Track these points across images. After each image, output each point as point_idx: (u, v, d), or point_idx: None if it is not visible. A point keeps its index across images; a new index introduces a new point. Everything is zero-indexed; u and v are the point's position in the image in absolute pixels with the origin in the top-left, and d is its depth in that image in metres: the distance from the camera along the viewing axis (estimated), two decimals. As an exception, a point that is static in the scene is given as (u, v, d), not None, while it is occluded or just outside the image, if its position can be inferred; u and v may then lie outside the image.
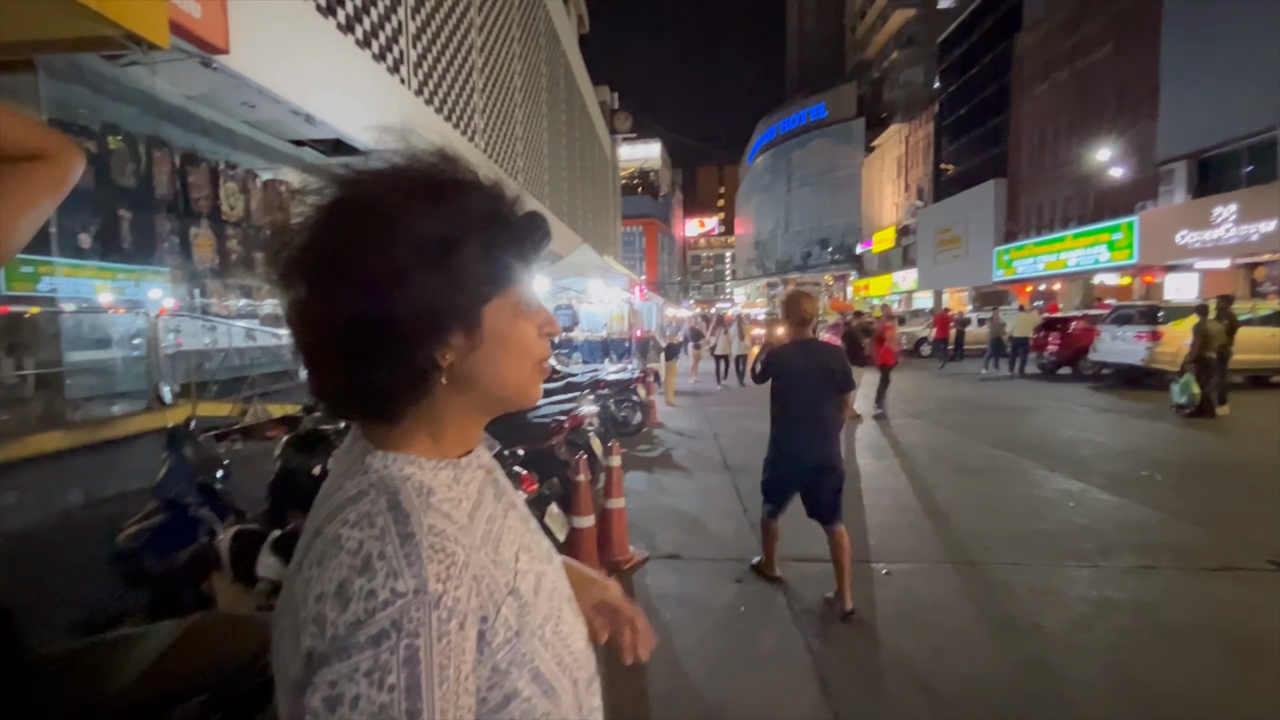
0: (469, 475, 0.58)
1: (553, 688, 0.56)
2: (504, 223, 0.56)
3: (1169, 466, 6.02)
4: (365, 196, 0.54)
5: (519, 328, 0.57)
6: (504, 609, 0.53)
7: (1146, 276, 20.37)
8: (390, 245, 0.51)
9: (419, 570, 0.47)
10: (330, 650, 0.45)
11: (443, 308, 0.53)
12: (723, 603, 3.35)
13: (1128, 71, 21.43)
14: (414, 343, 0.52)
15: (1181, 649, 2.84)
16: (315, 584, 0.47)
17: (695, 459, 6.66)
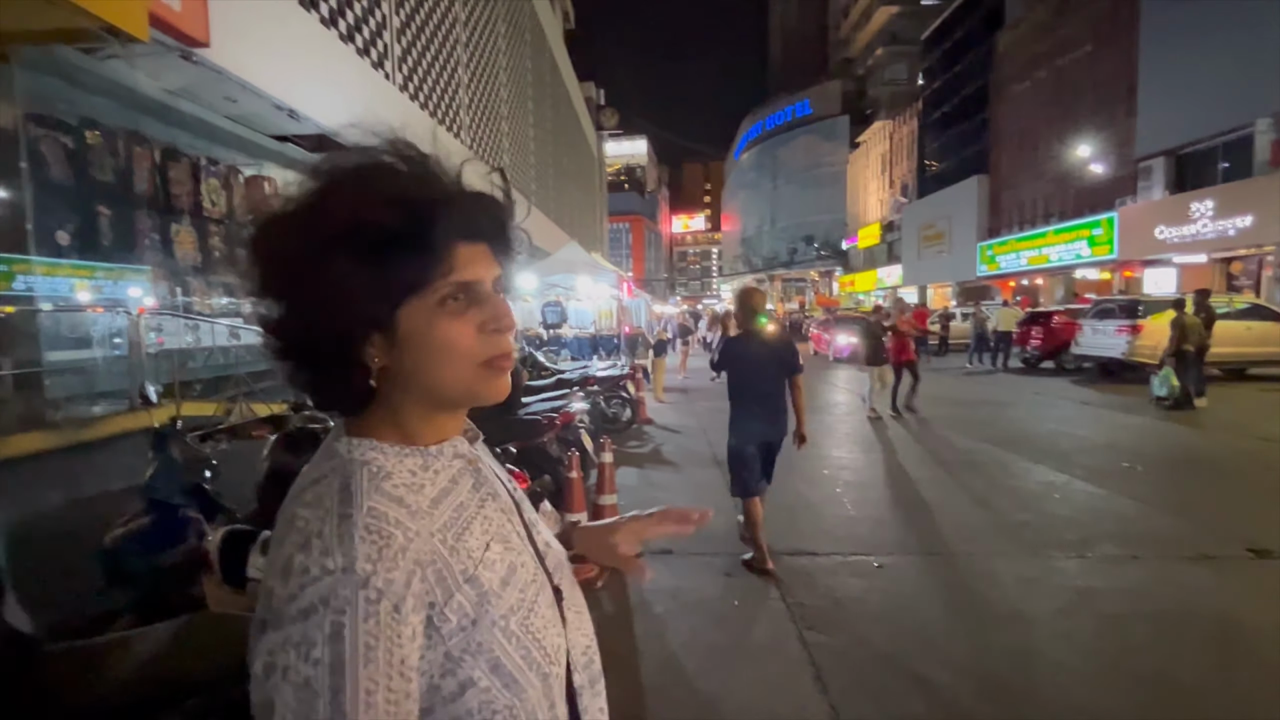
0: (441, 464, 0.59)
1: (516, 681, 0.54)
2: (419, 220, 0.53)
3: (1149, 458, 6.14)
4: (281, 204, 0.55)
5: (442, 328, 0.55)
6: (457, 596, 0.53)
7: (1126, 271, 20.72)
8: (293, 253, 0.53)
9: (349, 549, 0.48)
10: (270, 620, 0.47)
11: (347, 312, 0.53)
12: (715, 596, 3.37)
13: (1106, 69, 21.74)
14: (335, 345, 0.54)
15: (1163, 635, 2.90)
16: (272, 560, 0.50)
17: (685, 454, 6.69)
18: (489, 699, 0.53)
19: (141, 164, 6.96)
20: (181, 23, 5.30)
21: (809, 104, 60.17)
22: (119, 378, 6.38)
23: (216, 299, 8.37)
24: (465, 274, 0.56)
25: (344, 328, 0.54)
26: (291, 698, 0.45)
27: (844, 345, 16.81)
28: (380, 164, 0.56)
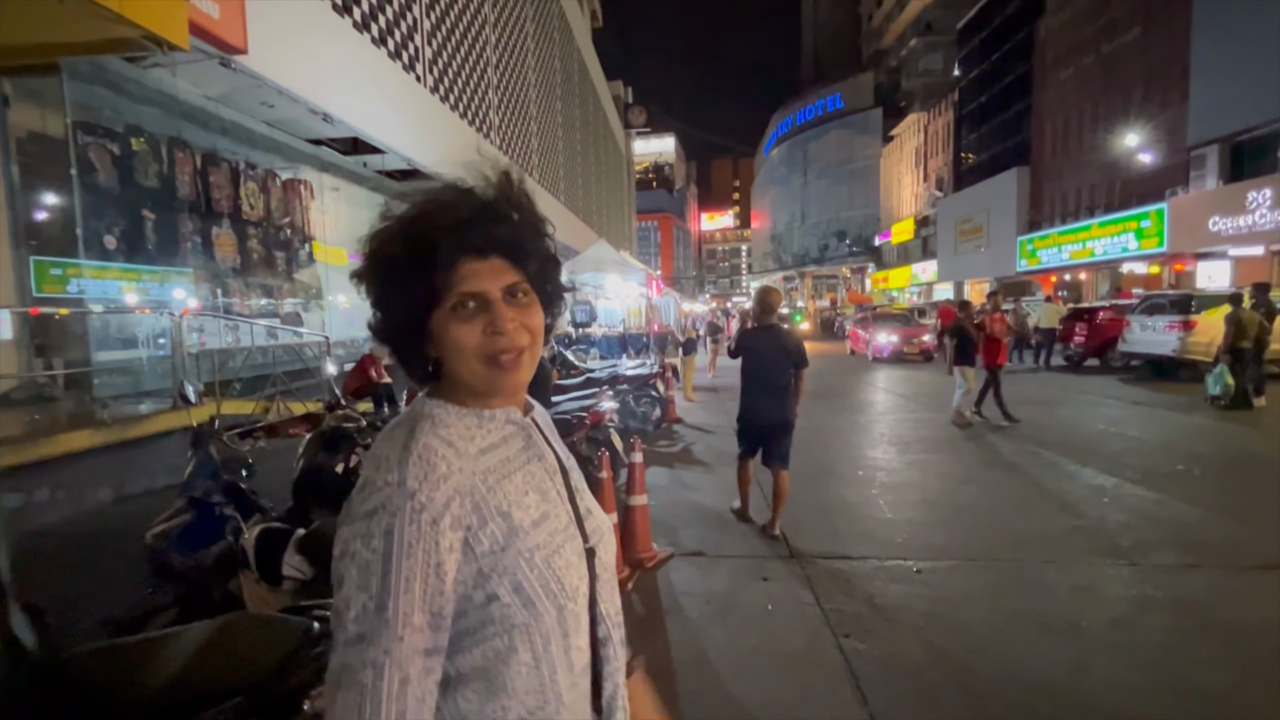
0: (493, 425, 0.73)
1: (533, 603, 0.67)
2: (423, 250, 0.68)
3: (1206, 461, 5.84)
4: (362, 245, 0.73)
5: (452, 331, 0.69)
6: (490, 525, 0.66)
7: (1177, 264, 19.83)
8: (372, 282, 0.72)
9: (403, 471, 0.64)
10: (346, 519, 0.64)
11: (405, 321, 0.71)
12: (750, 600, 3.29)
13: (1157, 54, 20.83)
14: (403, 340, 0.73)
15: (1230, 649, 2.73)
16: (361, 477, 0.67)
17: (716, 454, 6.60)
18: (508, 613, 0.66)
19: (184, 169, 7.17)
20: (220, 30, 5.41)
21: (841, 97, 59.16)
22: (163, 377, 6.58)
23: (255, 300, 8.59)
24: (468, 286, 0.69)
25: (402, 330, 0.72)
26: (355, 574, 0.61)
27: (885, 344, 16.09)
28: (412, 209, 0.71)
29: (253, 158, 8.51)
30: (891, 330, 16.56)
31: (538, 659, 0.68)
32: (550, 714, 0.68)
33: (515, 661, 0.66)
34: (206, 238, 7.64)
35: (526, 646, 0.67)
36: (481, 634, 0.66)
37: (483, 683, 0.66)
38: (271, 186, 8.76)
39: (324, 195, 10.27)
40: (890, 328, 16.77)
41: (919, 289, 41.44)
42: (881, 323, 17.50)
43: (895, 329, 16.63)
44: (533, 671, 0.67)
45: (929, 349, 15.64)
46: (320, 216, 10.25)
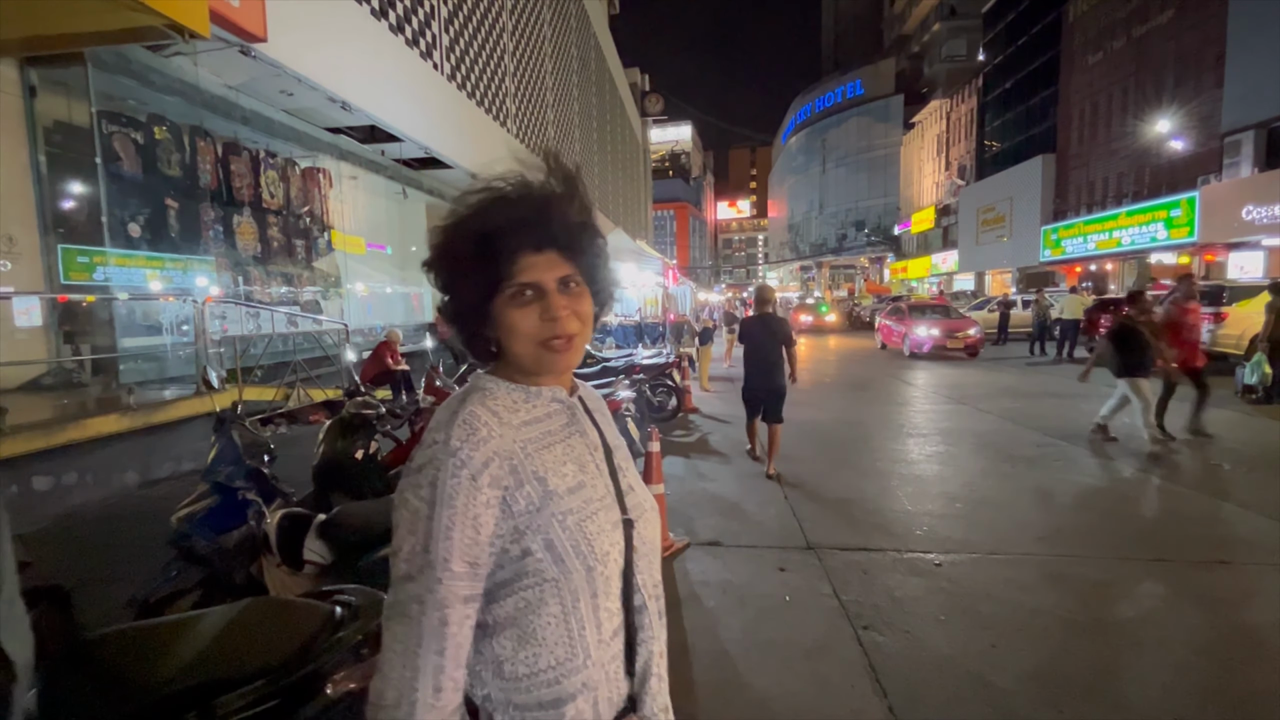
0: (539, 401, 0.81)
1: (563, 561, 0.73)
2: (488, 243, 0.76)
3: (1238, 456, 5.70)
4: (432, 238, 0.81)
5: (510, 316, 0.77)
6: (526, 487, 0.74)
7: (1208, 255, 19.31)
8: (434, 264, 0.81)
9: (449, 432, 0.73)
10: (406, 472, 0.74)
11: (469, 307, 0.79)
12: (766, 591, 3.27)
13: (1191, 37, 20.18)
14: (467, 322, 0.81)
15: (1261, 649, 2.66)
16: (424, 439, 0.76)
17: (732, 445, 6.56)
18: (541, 568, 0.73)
19: (205, 158, 7.24)
20: (240, 19, 5.43)
21: (861, 84, 58.16)
22: (186, 363, 6.69)
23: (275, 288, 8.68)
24: (526, 277, 0.76)
25: (467, 314, 0.80)
26: (407, 519, 0.71)
27: (924, 338, 14.45)
28: (474, 204, 0.78)
29: (272, 146, 8.57)
30: (931, 323, 14.82)
31: (566, 613, 0.74)
32: (577, 665, 0.75)
33: (545, 613, 0.74)
34: (228, 226, 7.72)
35: (556, 600, 0.74)
36: (516, 585, 0.74)
37: (515, 630, 0.74)
38: (291, 175, 8.83)
39: (342, 183, 10.33)
40: (929, 320, 15.08)
41: (939, 279, 40.82)
42: (918, 314, 15.78)
43: (935, 321, 14.92)
44: (560, 624, 0.74)
45: (975, 344, 14.33)
46: (338, 205, 10.32)
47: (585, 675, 0.75)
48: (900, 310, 16.73)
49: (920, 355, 14.46)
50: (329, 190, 9.63)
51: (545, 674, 0.73)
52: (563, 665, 0.74)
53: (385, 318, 12.39)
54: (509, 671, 0.74)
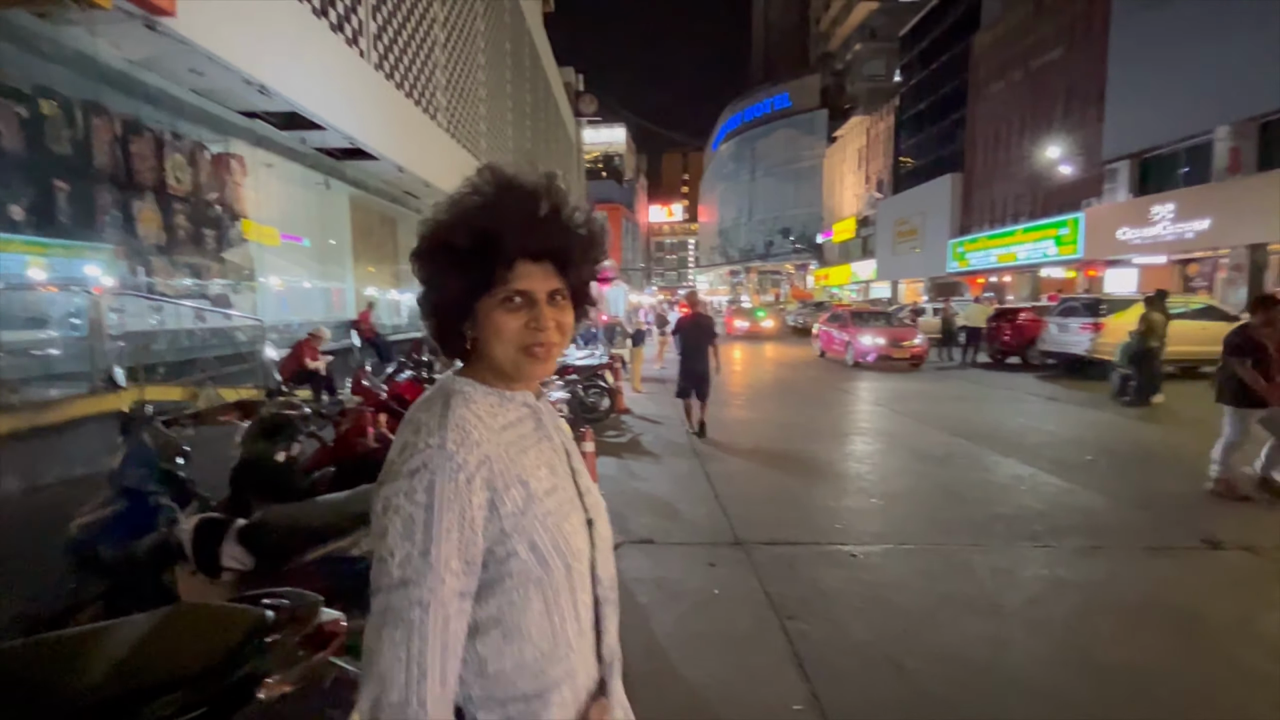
0: (512, 405, 0.83)
1: (545, 561, 0.77)
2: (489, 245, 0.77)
3: (1112, 453, 6.35)
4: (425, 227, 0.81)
5: (498, 319, 0.79)
6: (512, 490, 0.76)
7: (1090, 270, 21.32)
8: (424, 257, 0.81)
9: (444, 435, 0.73)
10: (388, 476, 0.73)
11: (453, 301, 0.80)
12: (697, 586, 3.39)
13: (1077, 73, 22.23)
14: (446, 318, 0.82)
15: (1128, 625, 3.01)
16: (398, 442, 0.76)
17: (664, 445, 6.70)
18: (525, 568, 0.76)
19: (101, 137, 6.67)
20: (147, -11, 5.05)
21: (788, 97, 60.36)
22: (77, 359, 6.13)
23: (181, 280, 8.10)
24: (520, 284, 0.79)
25: (449, 308, 0.81)
26: (400, 525, 0.69)
27: (869, 347, 13.95)
28: (479, 201, 0.78)
29: (180, 128, 7.99)
30: (876, 331, 14.41)
31: (549, 608, 0.78)
32: (561, 655, 0.79)
33: (531, 610, 0.77)
34: (127, 212, 7.14)
35: (540, 597, 0.77)
36: (500, 586, 0.76)
37: (500, 629, 0.76)
38: (200, 160, 8.26)
39: (258, 171, 9.75)
40: (874, 328, 14.65)
41: (858, 287, 42.95)
42: (861, 322, 15.24)
43: (880, 330, 14.53)
44: (545, 619, 0.78)
45: (920, 354, 13.97)
46: (253, 194, 9.74)
47: (567, 664, 0.79)
48: (842, 317, 16.12)
49: (864, 365, 14.08)
50: (243, 178, 9.07)
51: (531, 666, 0.76)
52: (547, 657, 0.77)
53: (303, 314, 11.78)
54: (493, 669, 0.76)
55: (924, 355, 14.08)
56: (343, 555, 2.16)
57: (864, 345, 14.01)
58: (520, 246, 0.77)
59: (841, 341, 15.12)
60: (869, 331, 14.32)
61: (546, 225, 0.79)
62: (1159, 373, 9.20)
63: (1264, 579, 3.48)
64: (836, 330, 15.77)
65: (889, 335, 14.13)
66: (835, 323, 16.26)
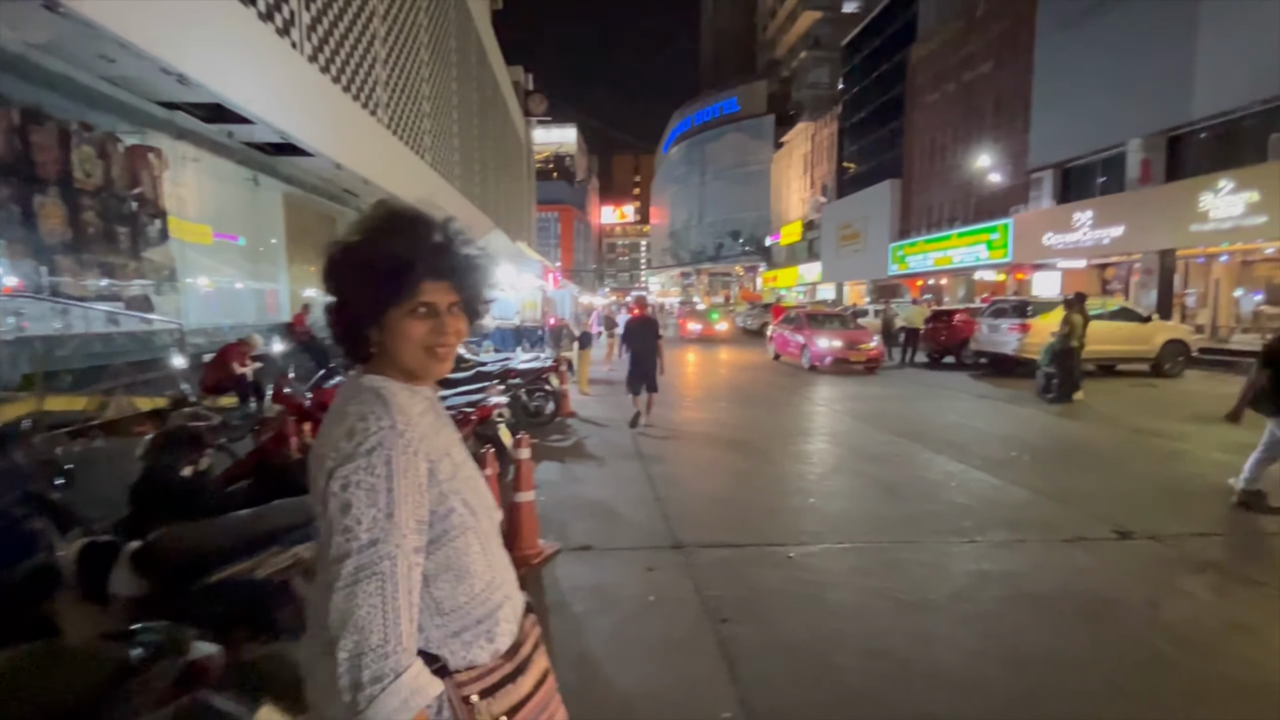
0: (418, 397, 0.97)
1: (474, 513, 0.96)
2: (402, 266, 0.92)
3: (1035, 448, 6.66)
4: (344, 235, 0.96)
5: (408, 325, 0.94)
6: (443, 461, 0.93)
7: (1018, 274, 22.45)
8: (338, 269, 0.95)
9: (393, 417, 0.88)
10: (343, 459, 0.84)
11: (367, 312, 0.94)
12: (634, 592, 3.35)
13: (1006, 87, 23.39)
14: (354, 326, 0.96)
15: (1044, 614, 3.14)
16: (333, 435, 0.87)
17: (608, 448, 6.65)
18: (464, 520, 0.94)
19: (-5, 125, 6.14)
20: (43, -33, 4.67)
21: (737, 101, 61.35)
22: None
23: (92, 280, 7.55)
24: (427, 298, 0.95)
25: (362, 317, 0.95)
26: (364, 496, 0.82)
27: (826, 350, 13.59)
28: (394, 231, 0.94)
29: (90, 118, 7.45)
30: (832, 334, 14.07)
31: (484, 548, 0.97)
32: (499, 583, 0.99)
33: (471, 552, 0.95)
34: (27, 207, 6.60)
35: (476, 541, 0.96)
36: (446, 538, 0.92)
37: (451, 572, 0.93)
38: (112, 152, 7.73)
39: (181, 166, 9.21)
40: (830, 331, 14.30)
41: (805, 288, 43.97)
42: (818, 324, 14.79)
43: (836, 332, 14.20)
44: (482, 557, 0.97)
45: (876, 356, 13.84)
46: (176, 189, 9.18)
47: (505, 589, 1.00)
48: (797, 320, 15.67)
49: (820, 368, 13.70)
50: (163, 172, 8.55)
51: (479, 596, 0.95)
52: (490, 586, 0.97)
53: (234, 316, 11.19)
54: (449, 606, 0.92)
55: (881, 358, 13.98)
56: (246, 578, 2.03)
57: (820, 348, 13.68)
58: (428, 268, 0.93)
59: (797, 344, 14.83)
60: (825, 334, 13.99)
61: (447, 253, 0.96)
62: (1079, 371, 9.74)
63: (1167, 564, 3.70)
64: (791, 333, 15.41)
65: (845, 338, 13.87)
66: (790, 325, 15.86)
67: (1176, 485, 5.30)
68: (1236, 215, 14.18)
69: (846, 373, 13.43)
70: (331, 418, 0.91)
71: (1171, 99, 16.12)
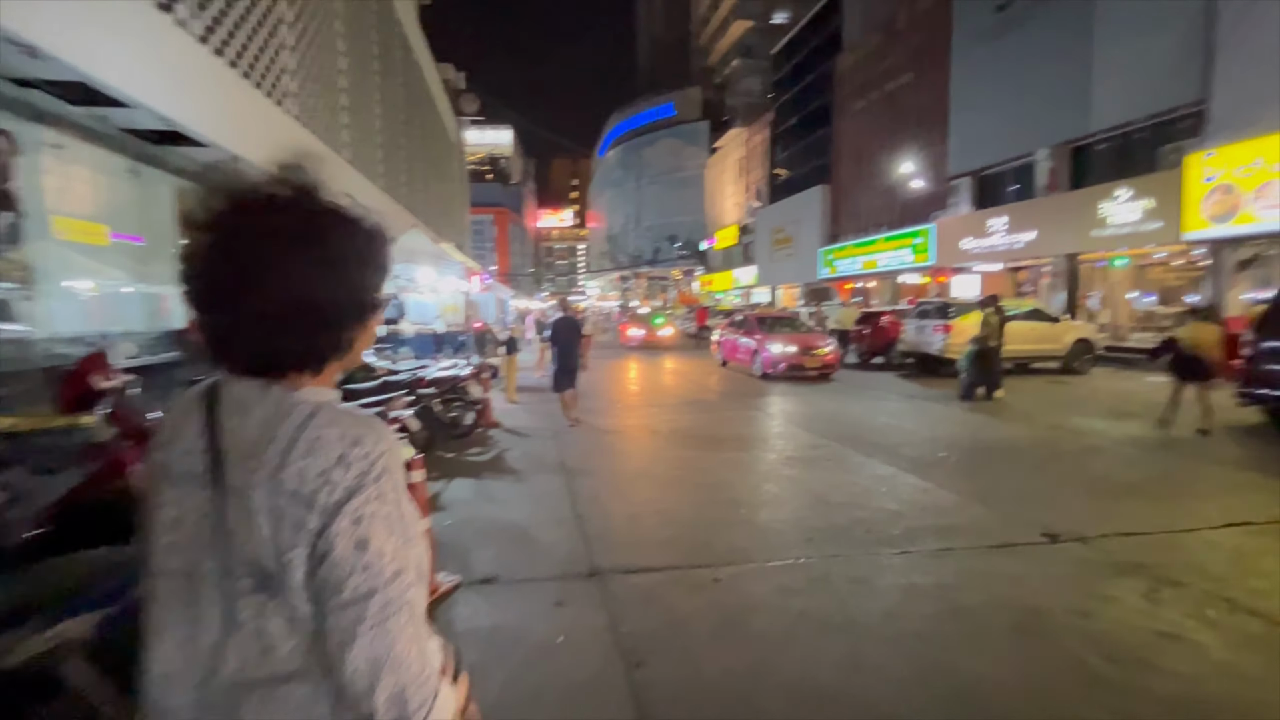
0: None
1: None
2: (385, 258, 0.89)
3: (961, 448, 6.70)
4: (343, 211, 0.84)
5: (373, 327, 0.90)
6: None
7: (940, 277, 23.36)
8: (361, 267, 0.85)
9: (388, 436, 0.80)
10: (348, 493, 0.74)
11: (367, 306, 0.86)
12: (540, 631, 2.97)
13: (925, 97, 24.34)
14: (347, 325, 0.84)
15: (976, 630, 2.97)
16: (313, 467, 0.74)
17: (530, 461, 6.23)
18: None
19: None
20: None
21: (673, 107, 61.80)
22: None
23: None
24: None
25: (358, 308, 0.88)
26: (381, 527, 0.75)
27: (779, 356, 12.58)
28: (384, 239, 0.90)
29: (-84, 95, 6.40)
30: (786, 338, 12.98)
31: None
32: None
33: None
34: None
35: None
36: None
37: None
38: (-53, 135, 6.67)
39: (40, 154, 8.14)
40: (783, 335, 13.25)
41: (741, 292, 44.59)
42: (769, 328, 13.75)
43: (789, 336, 13.14)
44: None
45: (832, 362, 12.76)
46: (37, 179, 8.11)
47: None
48: (746, 323, 14.63)
49: (774, 375, 12.62)
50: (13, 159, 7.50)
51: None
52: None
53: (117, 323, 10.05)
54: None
55: (837, 363, 13.00)
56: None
57: (773, 354, 12.60)
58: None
59: (747, 350, 13.72)
60: (779, 339, 12.94)
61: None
62: (999, 370, 10.03)
63: (1094, 568, 3.63)
64: (742, 337, 14.27)
65: (800, 343, 12.81)
66: (740, 329, 14.74)
67: (1095, 482, 5.37)
68: (1133, 221, 15.13)
69: (801, 379, 12.49)
70: (300, 447, 0.75)
71: (1072, 111, 17.10)
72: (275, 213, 0.78)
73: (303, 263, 0.77)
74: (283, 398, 0.79)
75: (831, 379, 12.63)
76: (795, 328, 14.28)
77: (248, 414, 0.78)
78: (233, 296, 0.76)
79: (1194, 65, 13.81)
